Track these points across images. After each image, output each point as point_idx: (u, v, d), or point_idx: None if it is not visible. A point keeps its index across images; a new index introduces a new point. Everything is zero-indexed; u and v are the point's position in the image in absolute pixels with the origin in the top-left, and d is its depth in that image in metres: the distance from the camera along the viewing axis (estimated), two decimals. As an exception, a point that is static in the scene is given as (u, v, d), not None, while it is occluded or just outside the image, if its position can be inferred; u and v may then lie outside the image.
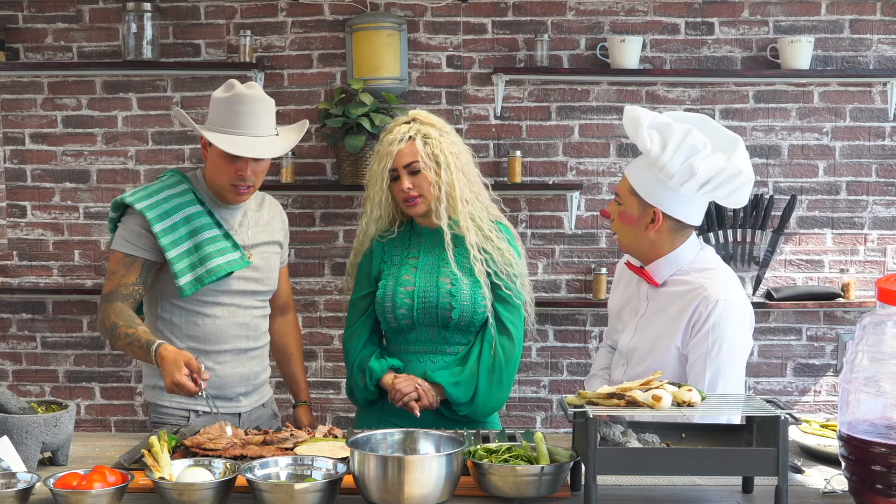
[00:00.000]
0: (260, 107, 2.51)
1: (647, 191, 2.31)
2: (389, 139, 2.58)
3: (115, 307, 2.49)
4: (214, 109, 2.53)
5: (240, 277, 2.60)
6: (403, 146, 2.55)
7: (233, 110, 2.49)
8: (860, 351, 1.81)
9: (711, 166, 2.25)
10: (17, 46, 4.15)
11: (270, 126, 2.55)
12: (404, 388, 2.53)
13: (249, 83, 2.56)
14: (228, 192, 2.55)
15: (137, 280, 2.52)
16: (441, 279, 2.56)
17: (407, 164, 2.54)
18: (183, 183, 2.59)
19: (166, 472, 1.86)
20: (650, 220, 2.33)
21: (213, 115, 2.54)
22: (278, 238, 2.74)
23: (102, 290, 2.56)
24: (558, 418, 4.25)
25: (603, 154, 4.18)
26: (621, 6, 4.13)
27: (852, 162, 4.17)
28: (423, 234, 2.65)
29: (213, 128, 2.52)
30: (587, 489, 1.77)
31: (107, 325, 2.48)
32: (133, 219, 2.54)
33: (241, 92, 2.50)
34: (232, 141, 2.47)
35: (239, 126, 2.49)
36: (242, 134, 2.49)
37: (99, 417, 4.27)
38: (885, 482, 1.75)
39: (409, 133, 2.56)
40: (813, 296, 4.10)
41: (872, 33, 4.12)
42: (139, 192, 2.56)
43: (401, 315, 2.57)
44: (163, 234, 2.49)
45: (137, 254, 2.52)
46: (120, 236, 2.55)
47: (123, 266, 2.53)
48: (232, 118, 2.49)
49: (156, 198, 2.54)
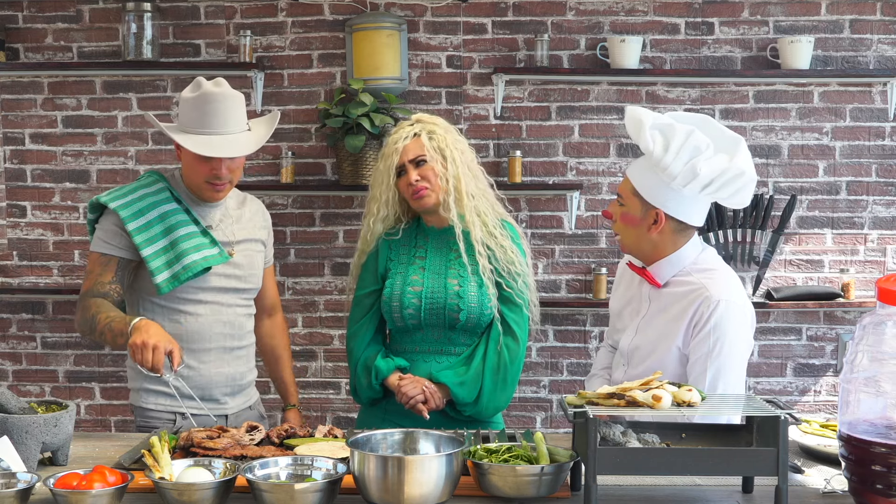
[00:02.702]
0: (229, 104, 2.50)
1: (649, 192, 2.31)
2: (394, 139, 2.58)
3: (93, 301, 2.48)
4: (183, 110, 2.53)
5: (220, 274, 2.59)
6: (409, 142, 2.56)
7: (201, 110, 2.48)
8: (860, 351, 1.81)
9: (714, 167, 2.24)
10: (17, 46, 4.15)
11: (241, 122, 2.54)
12: (410, 391, 2.52)
13: (217, 79, 2.54)
14: (205, 189, 2.56)
15: (114, 278, 2.52)
16: (449, 280, 2.56)
17: (413, 158, 2.54)
18: (159, 182, 2.60)
19: (166, 472, 1.86)
20: (652, 222, 2.32)
21: (182, 116, 2.53)
22: (261, 237, 2.74)
23: (80, 291, 2.55)
24: (558, 418, 4.25)
25: (603, 154, 4.18)
26: (621, 6, 4.13)
27: (852, 162, 4.17)
28: (430, 234, 2.65)
29: (183, 128, 2.51)
30: (587, 489, 1.77)
31: (87, 317, 2.46)
32: (108, 218, 2.55)
33: (208, 91, 2.49)
34: (202, 142, 2.47)
35: (208, 125, 2.48)
36: (213, 133, 2.48)
37: (99, 417, 4.27)
38: (885, 482, 1.75)
39: (414, 131, 2.58)
40: (813, 296, 4.11)
41: (872, 33, 4.12)
42: (114, 192, 2.57)
43: (408, 315, 2.56)
44: (137, 232, 2.50)
45: (113, 252, 2.52)
46: (97, 237, 2.56)
47: (100, 265, 2.53)
48: (201, 118, 2.48)
49: (130, 197, 2.54)
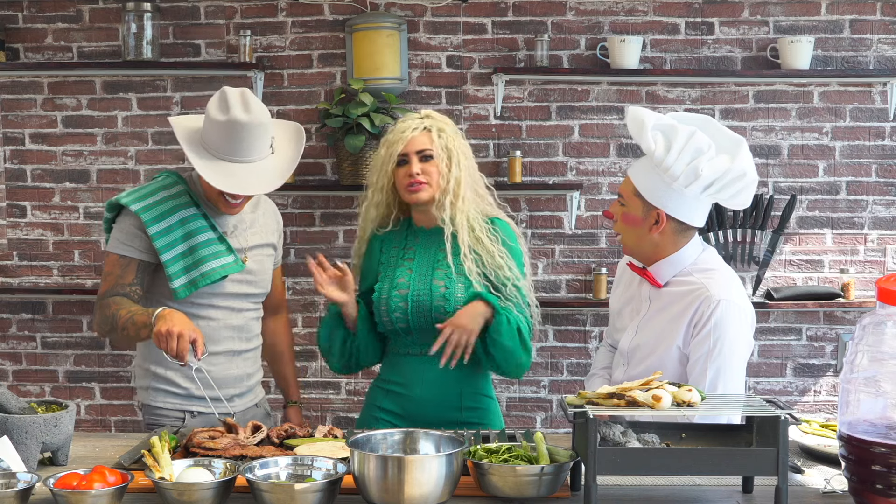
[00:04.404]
0: (257, 132, 2.44)
1: (651, 192, 2.31)
2: (402, 127, 2.55)
3: (113, 300, 2.46)
4: (208, 129, 2.46)
5: (234, 280, 2.58)
6: (418, 134, 2.53)
7: (228, 137, 2.42)
8: (860, 351, 1.81)
9: (716, 168, 2.24)
10: (17, 46, 4.15)
11: (266, 145, 2.48)
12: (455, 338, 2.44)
13: (244, 97, 2.44)
14: (221, 204, 2.53)
15: (134, 280, 2.50)
16: (435, 282, 2.54)
17: (420, 150, 2.52)
18: (179, 184, 2.57)
19: (166, 472, 1.86)
20: (654, 222, 2.32)
21: (207, 135, 2.46)
22: (272, 240, 2.73)
23: (98, 293, 2.52)
24: (558, 418, 4.25)
25: (603, 154, 4.18)
26: (621, 6, 4.13)
27: (852, 162, 4.17)
28: (420, 234, 2.63)
29: (207, 147, 2.46)
30: (587, 489, 1.77)
31: (106, 315, 2.44)
32: (128, 220, 2.52)
33: (236, 119, 2.40)
34: (225, 171, 2.42)
35: (233, 153, 2.43)
36: (237, 161, 2.43)
37: (99, 417, 4.27)
38: (885, 482, 1.75)
39: (425, 124, 2.55)
40: (813, 296, 4.11)
41: (872, 33, 4.12)
42: (134, 192, 2.54)
43: (396, 318, 2.55)
44: (158, 237, 2.48)
45: (133, 255, 2.50)
46: (115, 238, 2.53)
47: (119, 267, 2.51)
48: (226, 144, 2.43)
49: (151, 199, 2.52)
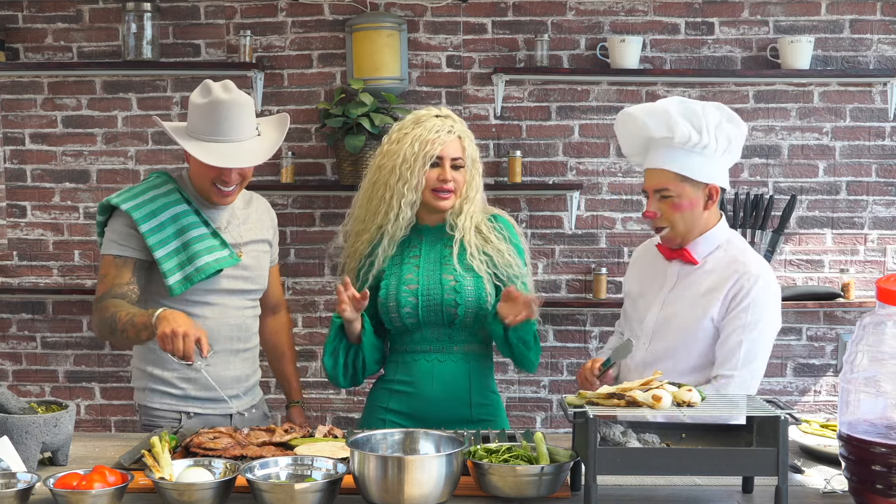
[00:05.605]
0: (238, 111, 2.47)
1: (697, 171, 2.39)
2: (432, 126, 2.52)
3: (111, 301, 2.45)
4: (192, 115, 2.49)
5: (229, 276, 2.58)
6: (452, 139, 2.53)
7: (211, 117, 2.45)
8: (860, 351, 1.81)
9: (733, 128, 2.39)
10: (17, 46, 4.15)
11: (251, 127, 2.51)
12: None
13: (225, 83, 2.49)
14: (213, 194, 2.54)
15: (131, 279, 2.50)
16: (444, 276, 2.55)
17: (454, 158, 2.53)
18: (168, 183, 2.58)
19: (166, 472, 1.86)
20: (708, 198, 2.41)
21: (191, 121, 2.50)
22: (267, 236, 2.73)
23: (95, 296, 2.52)
24: (558, 418, 4.25)
25: (603, 154, 4.18)
26: (621, 6, 4.13)
27: (852, 162, 4.17)
28: (424, 232, 2.64)
29: (192, 134, 2.49)
30: (587, 489, 1.77)
31: (105, 317, 2.42)
32: (120, 220, 2.52)
33: (218, 98, 2.45)
34: (211, 150, 2.45)
35: (218, 133, 2.45)
36: (222, 140, 2.46)
37: (99, 417, 4.27)
38: (885, 482, 1.75)
39: (455, 131, 2.55)
40: (813, 296, 4.10)
41: (872, 33, 4.12)
42: (125, 193, 2.55)
43: (405, 314, 2.55)
44: (150, 234, 2.48)
45: (128, 254, 2.51)
46: (108, 239, 2.53)
47: (115, 268, 2.50)
48: (210, 125, 2.45)
49: (142, 198, 2.52)
